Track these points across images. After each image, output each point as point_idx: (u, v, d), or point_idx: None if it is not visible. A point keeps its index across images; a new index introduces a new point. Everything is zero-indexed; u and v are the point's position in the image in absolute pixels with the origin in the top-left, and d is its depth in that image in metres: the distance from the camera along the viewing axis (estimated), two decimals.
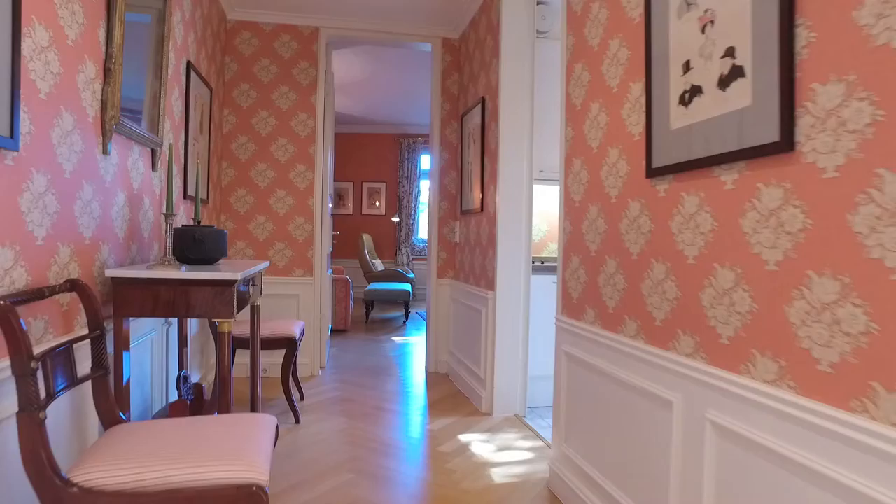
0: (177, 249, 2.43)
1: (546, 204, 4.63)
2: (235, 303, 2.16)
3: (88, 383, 1.76)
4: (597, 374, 2.29)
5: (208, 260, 2.48)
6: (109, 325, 2.08)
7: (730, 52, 1.54)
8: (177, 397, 2.72)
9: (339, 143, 10.06)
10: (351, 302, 6.95)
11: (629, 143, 2.11)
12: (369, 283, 8.78)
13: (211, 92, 3.95)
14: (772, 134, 1.38)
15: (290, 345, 3.50)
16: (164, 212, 2.20)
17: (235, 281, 2.10)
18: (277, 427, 1.88)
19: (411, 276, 9.08)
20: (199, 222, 2.75)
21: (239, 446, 1.50)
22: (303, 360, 4.61)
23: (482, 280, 4.03)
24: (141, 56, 2.54)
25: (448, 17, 4.65)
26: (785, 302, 1.36)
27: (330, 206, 5.16)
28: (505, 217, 3.71)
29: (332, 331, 6.38)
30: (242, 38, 4.57)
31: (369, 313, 7.86)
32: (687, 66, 1.73)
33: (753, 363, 1.46)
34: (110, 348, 2.07)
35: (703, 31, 1.66)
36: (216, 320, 2.12)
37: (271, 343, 3.47)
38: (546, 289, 3.98)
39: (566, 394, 2.60)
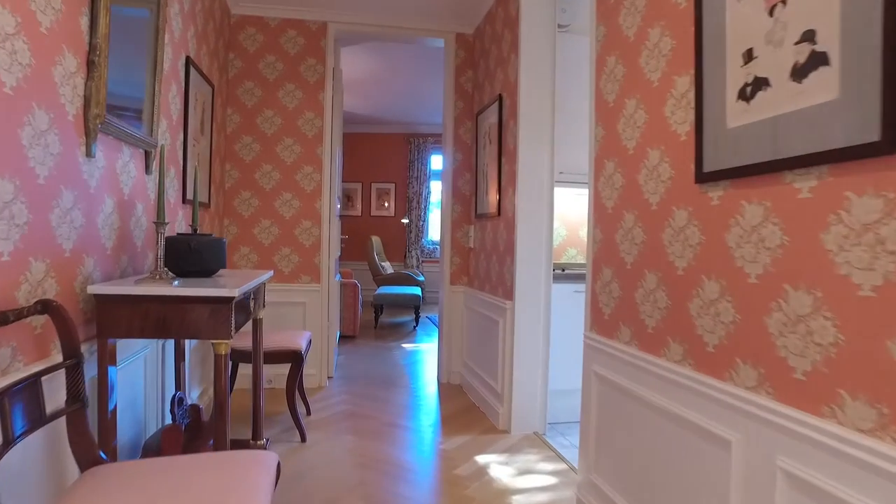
0: (171, 260, 2.22)
1: (565, 207, 4.40)
2: (234, 321, 1.95)
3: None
4: (633, 399, 2.06)
5: (206, 272, 2.27)
6: (95, 346, 1.87)
7: (808, 37, 1.31)
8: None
9: (347, 143, 9.85)
10: (360, 307, 6.74)
11: (673, 145, 1.87)
12: (378, 286, 8.57)
13: (213, 90, 3.75)
14: (869, 133, 1.15)
15: (295, 359, 3.29)
16: (156, 220, 1.99)
17: (233, 298, 1.88)
18: (279, 465, 1.66)
19: (421, 278, 8.87)
20: (196, 230, 2.54)
21: (229, 500, 1.29)
22: (310, 371, 4.40)
23: (499, 288, 3.80)
24: (139, 52, 2.33)
25: (462, 10, 4.43)
26: (888, 336, 1.12)
27: (338, 206, 4.95)
28: (524, 222, 3.48)
29: (340, 337, 6.17)
30: (247, 33, 4.37)
31: (378, 318, 7.65)
32: (749, 56, 1.50)
33: (841, 406, 1.23)
34: (94, 371, 1.87)
35: (770, 13, 1.42)
36: (212, 342, 1.91)
37: (275, 357, 3.26)
38: (567, 298, 3.74)
39: (596, 418, 2.37)
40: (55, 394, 1.52)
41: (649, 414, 1.95)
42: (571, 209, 4.46)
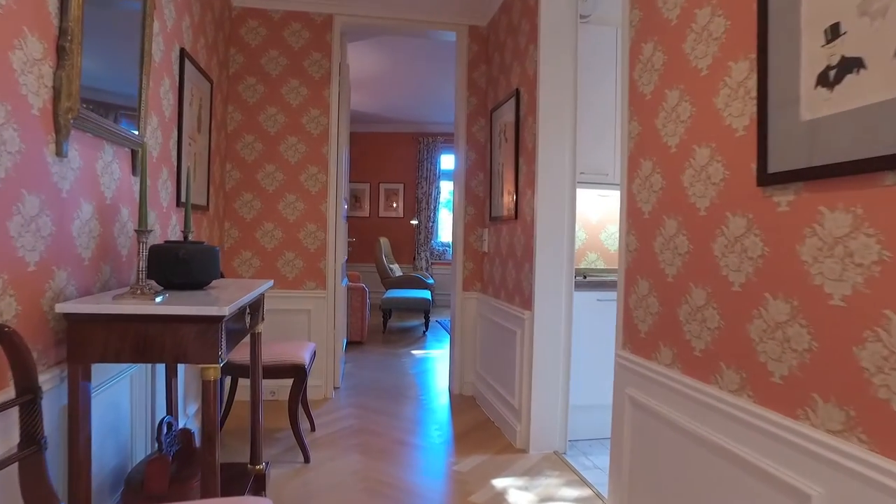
0: (157, 272, 1.99)
1: (585, 208, 4.15)
2: (224, 343, 1.72)
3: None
4: (676, 431, 1.81)
5: (196, 284, 2.04)
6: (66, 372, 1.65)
7: None
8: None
9: (355, 142, 9.63)
10: (367, 312, 6.51)
11: (728, 141, 1.62)
12: (387, 289, 8.34)
13: (212, 86, 3.52)
14: None
15: (298, 374, 3.06)
16: (137, 228, 1.76)
17: (222, 317, 1.65)
18: None
19: (431, 281, 8.63)
20: (187, 236, 2.31)
21: None
22: (315, 382, 4.17)
23: (516, 297, 3.56)
24: (124, 41, 2.11)
25: (475, 1, 4.19)
26: None
27: (346, 207, 4.72)
28: (544, 226, 3.23)
29: (347, 343, 5.95)
30: (248, 26, 4.14)
31: (387, 322, 7.42)
32: (834, 32, 1.25)
33: None
34: (64, 400, 1.64)
35: None
36: (199, 366, 1.68)
37: (277, 372, 3.03)
38: (589, 307, 3.50)
39: (630, 447, 2.12)
40: (8, 433, 1.30)
41: (696, 448, 1.71)
42: (592, 211, 4.20)
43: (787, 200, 1.40)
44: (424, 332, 7.37)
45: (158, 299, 1.73)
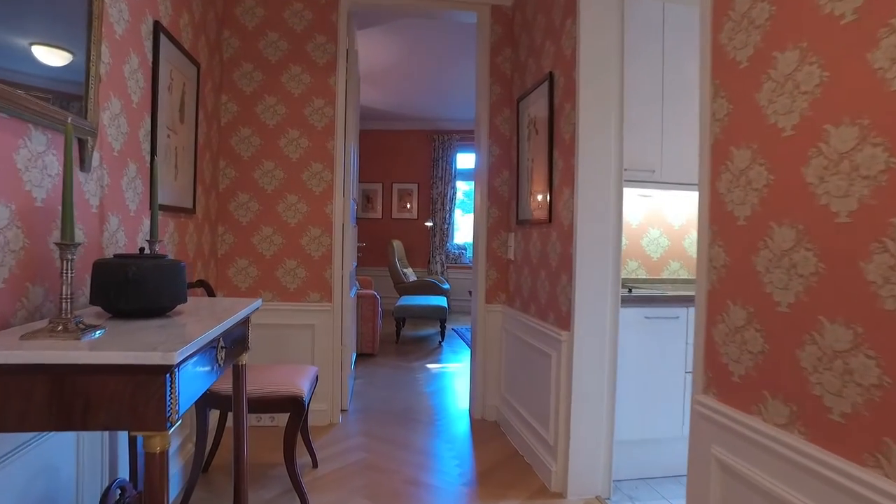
0: (101, 296, 1.53)
1: (623, 209, 3.63)
2: (178, 397, 1.24)
3: None
4: None
5: (152, 310, 1.58)
6: None
7: None
8: None
9: (366, 140, 9.18)
10: (379, 321, 6.04)
11: (892, 117, 1.12)
12: (400, 295, 7.88)
13: (199, 70, 3.07)
14: None
15: (295, 407, 2.58)
16: (60, 240, 1.29)
17: (169, 367, 1.18)
18: None
19: (446, 286, 8.16)
20: (152, 248, 1.85)
21: None
22: (319, 406, 3.70)
23: (550, 313, 3.06)
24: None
25: None
26: None
27: (354, 208, 4.25)
28: (585, 232, 2.74)
29: (357, 356, 5.48)
30: (245, 6, 3.69)
31: (400, 331, 6.94)
32: None
33: None
34: None
35: None
36: (138, 434, 1.21)
37: (270, 405, 2.56)
38: (634, 325, 3.00)
39: None
40: None
41: None
42: (632, 213, 3.69)
43: None
44: (440, 342, 6.88)
45: (87, 337, 1.26)
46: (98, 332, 1.31)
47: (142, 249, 1.68)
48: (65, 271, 1.29)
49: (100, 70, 1.81)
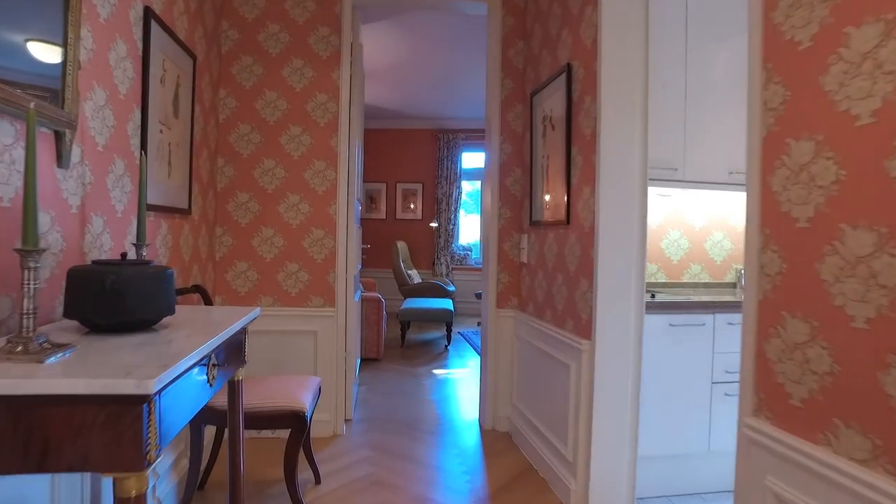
0: (76, 308, 1.35)
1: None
2: (158, 431, 1.06)
3: None
4: None
5: (133, 324, 1.40)
6: None
7: None
8: None
9: (370, 139, 9.01)
10: (384, 324, 5.86)
11: None
12: (405, 297, 7.70)
13: (195, 62, 2.89)
14: None
15: (296, 422, 2.40)
16: (21, 247, 1.11)
17: (146, 397, 0.99)
18: None
19: (452, 288, 7.97)
20: (125, 255, 1.66)
21: None
22: (322, 416, 3.52)
23: (568, 320, 2.87)
24: None
25: None
26: None
27: (359, 208, 4.07)
28: (608, 233, 2.55)
29: (361, 361, 5.30)
30: None
31: (405, 334, 6.75)
32: None
33: None
34: None
35: None
36: (111, 476, 1.02)
37: (269, 421, 2.38)
38: (658, 333, 2.83)
39: None
40: None
41: None
42: (651, 214, 3.50)
43: None
44: (447, 346, 6.70)
45: (54, 359, 1.08)
46: (65, 352, 1.13)
47: (124, 255, 1.49)
48: (27, 281, 1.11)
49: (79, 55, 1.63)
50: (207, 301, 2.80)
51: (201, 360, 1.37)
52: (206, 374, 1.43)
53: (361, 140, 4.30)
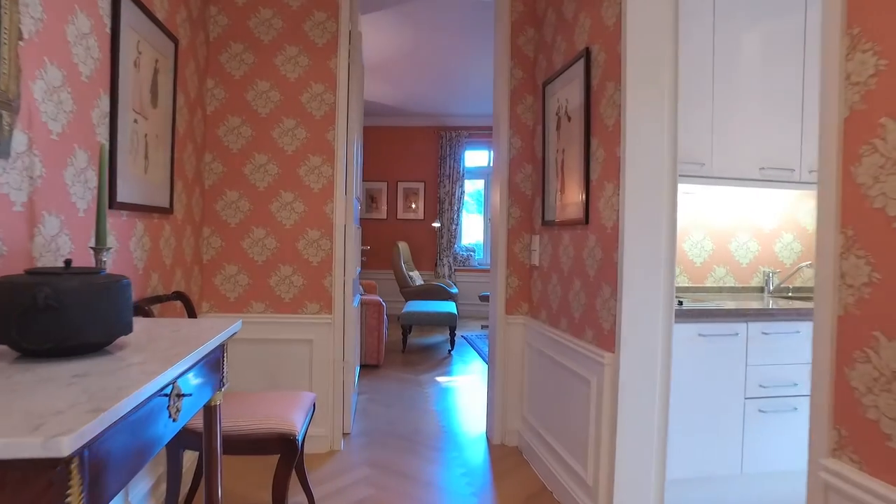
0: (3, 329, 1.09)
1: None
2: (85, 501, 0.80)
3: None
4: None
5: (77, 348, 1.14)
6: None
7: None
8: None
9: (370, 137, 8.75)
10: (385, 329, 5.60)
11: None
12: (406, 300, 7.43)
13: (176, 46, 2.63)
14: None
15: (285, 448, 2.14)
16: None
17: (58, 461, 0.73)
18: None
19: (454, 290, 7.71)
20: (70, 262, 1.41)
21: None
22: (318, 431, 3.26)
23: (587, 330, 2.61)
24: None
25: None
26: None
27: (358, 208, 3.81)
28: (634, 234, 2.28)
29: (361, 368, 5.04)
30: None
31: (407, 338, 6.48)
32: None
33: None
34: None
35: None
36: None
37: (255, 445, 2.12)
38: (687, 343, 2.57)
39: None
40: None
41: None
42: (684, 214, 3.24)
43: None
44: (450, 350, 6.44)
45: None
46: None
47: (68, 262, 1.23)
48: None
49: (18, 22, 1.37)
50: (190, 309, 2.54)
51: (160, 391, 1.11)
52: (168, 406, 1.17)
53: (360, 134, 4.04)
